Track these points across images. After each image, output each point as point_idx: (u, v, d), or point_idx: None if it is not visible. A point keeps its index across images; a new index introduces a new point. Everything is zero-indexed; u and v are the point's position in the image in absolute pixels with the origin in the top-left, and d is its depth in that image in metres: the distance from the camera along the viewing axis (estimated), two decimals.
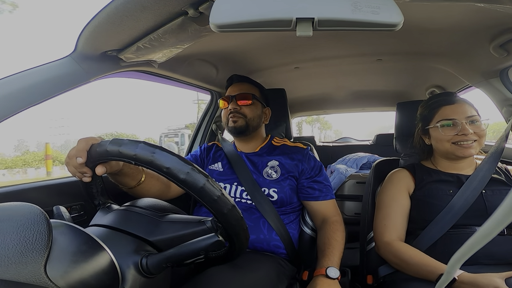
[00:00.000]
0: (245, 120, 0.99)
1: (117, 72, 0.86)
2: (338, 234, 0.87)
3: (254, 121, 1.01)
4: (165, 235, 0.51)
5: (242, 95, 1.00)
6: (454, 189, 0.84)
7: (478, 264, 0.72)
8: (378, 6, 0.42)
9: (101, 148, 0.51)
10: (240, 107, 1.00)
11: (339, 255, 0.83)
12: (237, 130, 1.00)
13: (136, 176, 0.76)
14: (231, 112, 0.99)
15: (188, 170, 0.43)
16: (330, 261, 0.79)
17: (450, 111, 0.85)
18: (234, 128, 0.99)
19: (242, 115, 0.99)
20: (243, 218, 0.50)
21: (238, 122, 0.99)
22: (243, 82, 1.06)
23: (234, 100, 1.00)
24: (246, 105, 1.00)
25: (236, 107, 0.99)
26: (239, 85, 1.04)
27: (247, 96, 1.01)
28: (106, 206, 0.59)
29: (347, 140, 3.24)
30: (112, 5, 0.59)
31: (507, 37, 0.86)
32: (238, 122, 0.99)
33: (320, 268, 0.78)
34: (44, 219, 0.37)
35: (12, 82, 0.64)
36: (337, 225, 0.90)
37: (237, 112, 0.99)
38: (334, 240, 0.86)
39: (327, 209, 0.94)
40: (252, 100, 1.01)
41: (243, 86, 1.04)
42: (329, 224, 0.90)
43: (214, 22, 0.44)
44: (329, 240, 0.85)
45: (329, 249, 0.83)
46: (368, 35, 1.02)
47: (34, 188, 0.80)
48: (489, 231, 0.25)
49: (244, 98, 1.00)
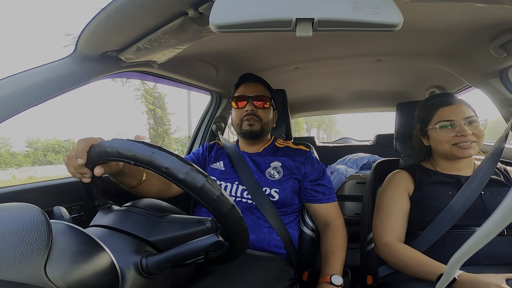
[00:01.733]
0: (261, 124, 0.98)
1: (117, 73, 0.86)
2: (340, 240, 0.89)
3: (268, 125, 1.01)
4: (165, 235, 0.51)
5: (259, 97, 0.98)
6: (453, 190, 0.84)
7: (478, 264, 0.72)
8: (378, 7, 0.42)
9: (100, 149, 0.51)
10: (256, 109, 0.98)
11: (341, 262, 0.86)
12: (252, 134, 0.98)
13: (137, 175, 0.76)
14: (248, 114, 0.97)
15: (187, 170, 0.43)
16: (334, 269, 0.83)
17: (448, 112, 0.85)
18: (250, 132, 0.97)
19: (258, 119, 0.97)
20: (243, 218, 0.50)
21: (254, 126, 0.97)
22: (257, 83, 1.03)
23: (251, 101, 0.97)
24: (262, 108, 0.98)
25: (253, 108, 0.97)
26: (254, 86, 1.01)
27: (264, 99, 0.99)
28: (106, 207, 0.59)
29: (347, 141, 3.23)
30: (112, 5, 0.59)
31: (507, 37, 0.86)
32: (254, 126, 0.97)
33: (325, 276, 0.82)
34: (44, 219, 0.37)
35: (12, 83, 0.64)
36: (339, 230, 0.91)
37: (254, 114, 0.97)
38: (337, 247, 0.88)
39: (329, 212, 0.94)
40: (269, 103, 1.00)
41: (258, 87, 1.01)
42: (332, 229, 0.91)
43: (214, 23, 0.44)
44: (332, 248, 0.87)
45: (332, 257, 0.86)
46: (368, 35, 1.02)
47: (34, 189, 0.80)
48: (489, 231, 0.25)
49: (261, 100, 0.98)
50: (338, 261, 0.85)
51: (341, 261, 0.86)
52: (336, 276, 0.81)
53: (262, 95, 0.99)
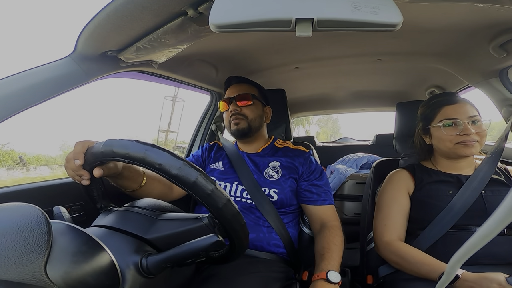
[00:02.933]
0: (247, 122, 0.99)
1: (117, 73, 0.86)
2: (337, 239, 0.85)
3: (256, 121, 1.01)
4: (162, 233, 0.51)
5: (241, 95, 1.00)
6: (453, 189, 0.84)
7: (478, 264, 0.72)
8: (378, 6, 0.42)
9: (96, 150, 0.51)
10: (240, 108, 0.99)
11: (338, 260, 0.80)
12: (240, 132, 0.99)
13: (137, 179, 0.76)
14: (232, 114, 0.99)
15: (180, 165, 0.43)
16: (331, 265, 0.76)
17: (452, 110, 0.85)
18: (237, 131, 0.99)
19: (243, 117, 0.99)
20: (240, 213, 0.50)
21: (240, 124, 0.98)
22: (241, 83, 1.06)
23: (234, 102, 1.00)
24: (246, 106, 1.00)
25: (236, 108, 0.99)
26: (237, 86, 1.04)
27: (246, 97, 1.00)
28: (108, 209, 0.60)
29: (347, 140, 3.23)
30: (112, 5, 0.59)
31: (507, 37, 0.86)
32: (240, 125, 0.98)
33: (320, 272, 0.74)
34: (44, 219, 0.37)
35: (11, 83, 0.64)
36: (336, 230, 0.88)
37: (238, 113, 0.98)
38: (334, 244, 0.83)
39: (325, 214, 0.92)
40: (252, 100, 1.00)
41: (241, 87, 1.04)
42: (328, 229, 0.88)
43: (214, 23, 0.44)
44: (328, 244, 0.83)
45: (329, 253, 0.80)
46: (368, 35, 1.02)
47: (34, 189, 0.80)
48: (489, 231, 0.25)
49: (244, 98, 1.00)
50: (335, 258, 0.79)
51: (338, 258, 0.80)
52: (333, 272, 0.73)
53: (244, 93, 1.01)
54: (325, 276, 0.72)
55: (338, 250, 0.82)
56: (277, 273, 0.82)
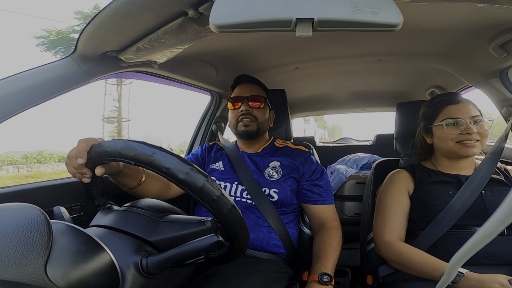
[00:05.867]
0: (257, 124, 0.98)
1: (117, 73, 0.86)
2: (334, 240, 0.87)
3: (264, 125, 1.01)
4: (165, 235, 0.51)
5: (254, 97, 0.99)
6: (453, 189, 0.84)
7: (479, 264, 0.72)
8: (378, 7, 0.42)
9: (100, 149, 0.51)
10: (251, 109, 0.98)
11: (333, 261, 0.83)
12: (248, 134, 0.98)
13: (136, 176, 0.76)
14: (243, 114, 0.98)
15: (188, 170, 0.43)
16: (324, 266, 0.80)
17: (455, 110, 0.85)
18: (246, 132, 0.98)
19: (253, 118, 0.98)
20: (243, 218, 0.50)
21: (250, 126, 0.98)
22: (252, 83, 1.04)
23: (245, 102, 0.98)
24: (258, 108, 0.99)
25: (248, 108, 0.98)
26: (248, 86, 1.02)
27: (259, 99, 0.99)
28: (106, 207, 0.59)
29: (347, 141, 3.23)
30: (112, 5, 0.59)
31: (507, 37, 0.86)
32: (250, 126, 0.98)
33: (314, 274, 0.78)
34: (44, 219, 0.37)
35: (12, 83, 0.64)
36: (334, 231, 0.89)
37: (249, 114, 0.97)
38: (329, 245, 0.85)
39: (325, 214, 0.93)
40: (264, 103, 1.00)
41: (252, 87, 1.02)
42: (326, 230, 0.89)
43: (214, 23, 0.44)
44: (324, 246, 0.85)
45: (324, 255, 0.83)
46: (368, 35, 1.02)
47: (34, 189, 0.80)
48: (489, 231, 0.25)
49: (256, 100, 0.99)
50: (330, 259, 0.82)
51: (333, 259, 0.83)
52: (325, 274, 0.77)
53: (256, 95, 1.00)
54: (317, 278, 0.77)
55: (334, 251, 0.85)
56: (277, 273, 0.82)
